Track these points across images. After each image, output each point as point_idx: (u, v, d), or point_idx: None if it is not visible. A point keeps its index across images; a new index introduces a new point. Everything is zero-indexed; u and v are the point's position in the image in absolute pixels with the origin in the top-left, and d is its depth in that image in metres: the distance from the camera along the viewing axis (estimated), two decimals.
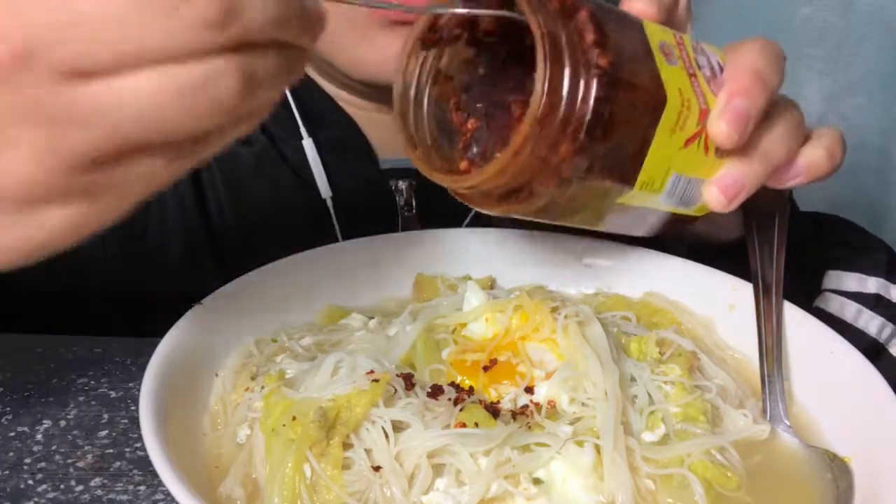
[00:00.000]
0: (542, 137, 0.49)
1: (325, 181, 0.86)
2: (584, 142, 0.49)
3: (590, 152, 0.50)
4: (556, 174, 0.50)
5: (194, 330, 0.61)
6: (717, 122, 0.54)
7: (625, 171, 0.53)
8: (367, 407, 0.54)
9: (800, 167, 0.60)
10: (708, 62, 0.57)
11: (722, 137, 0.54)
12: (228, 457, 0.56)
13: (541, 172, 0.50)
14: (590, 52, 0.49)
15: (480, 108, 0.57)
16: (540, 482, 0.52)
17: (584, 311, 0.62)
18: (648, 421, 0.56)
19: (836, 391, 0.60)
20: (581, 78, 0.48)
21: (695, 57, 0.56)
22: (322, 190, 0.86)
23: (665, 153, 0.53)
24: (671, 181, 0.55)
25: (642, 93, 0.51)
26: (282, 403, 0.55)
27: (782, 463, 0.57)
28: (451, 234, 0.77)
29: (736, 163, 0.57)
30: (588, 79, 0.48)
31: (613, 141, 0.50)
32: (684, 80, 0.54)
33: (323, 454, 0.52)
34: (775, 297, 0.64)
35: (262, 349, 0.64)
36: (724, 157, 0.57)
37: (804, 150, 0.60)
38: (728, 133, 0.54)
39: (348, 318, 0.69)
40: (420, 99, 0.56)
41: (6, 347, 0.74)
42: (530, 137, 0.48)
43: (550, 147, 0.49)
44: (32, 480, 0.59)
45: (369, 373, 0.56)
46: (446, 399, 0.56)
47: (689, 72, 0.55)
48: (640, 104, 0.51)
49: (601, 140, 0.50)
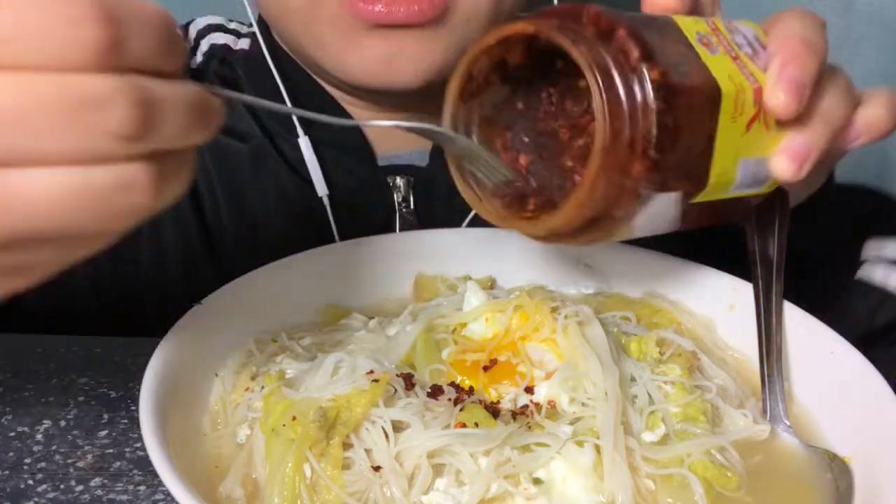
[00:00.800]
0: (613, 165, 0.49)
1: (321, 179, 0.86)
2: (655, 157, 0.49)
3: (662, 164, 0.50)
4: (633, 195, 0.50)
5: (194, 330, 0.61)
6: (774, 93, 0.54)
7: (697, 171, 0.53)
8: (367, 407, 0.54)
9: (860, 127, 0.59)
10: (745, 39, 0.56)
11: (781, 107, 0.54)
12: (228, 457, 0.56)
13: (618, 197, 0.51)
14: (639, 68, 0.49)
15: (529, 143, 0.57)
16: (540, 482, 0.52)
17: (584, 311, 0.62)
18: (648, 421, 0.56)
19: (836, 391, 0.60)
20: (638, 97, 0.48)
21: (732, 38, 0.56)
22: (318, 188, 0.86)
23: (730, 142, 0.53)
24: (741, 167, 0.55)
25: (697, 92, 0.51)
26: (282, 403, 0.55)
27: (782, 463, 0.57)
28: (451, 234, 0.77)
29: (798, 130, 0.56)
30: (645, 95, 0.48)
31: (682, 147, 0.50)
32: (730, 66, 0.54)
33: (323, 454, 0.52)
34: (775, 297, 0.64)
35: (262, 349, 0.64)
36: (785, 129, 0.56)
37: (861, 111, 0.60)
38: (787, 102, 0.54)
39: (348, 318, 0.69)
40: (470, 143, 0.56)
41: (6, 347, 0.74)
42: (602, 168, 0.49)
43: (623, 171, 0.49)
44: (32, 480, 0.59)
45: (369, 373, 0.56)
46: (446, 399, 0.56)
47: (731, 55, 0.54)
48: (698, 103, 0.51)
49: (670, 150, 0.50)
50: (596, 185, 0.49)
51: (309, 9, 0.77)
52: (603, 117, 0.48)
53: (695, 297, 0.70)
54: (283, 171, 0.87)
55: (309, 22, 0.78)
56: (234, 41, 0.94)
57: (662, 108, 0.49)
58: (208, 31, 0.94)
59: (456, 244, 0.75)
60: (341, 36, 0.77)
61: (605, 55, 0.49)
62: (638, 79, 0.49)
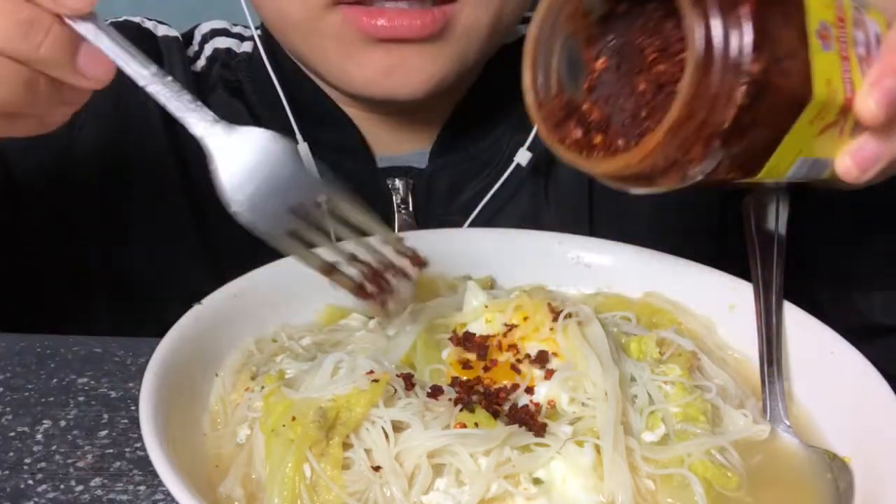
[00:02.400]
0: (674, 141, 0.47)
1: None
2: (717, 147, 0.47)
3: (720, 154, 0.48)
4: (681, 174, 0.49)
5: (194, 330, 0.61)
6: (866, 100, 0.52)
7: (752, 165, 0.51)
8: (367, 407, 0.54)
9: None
10: (865, 37, 0.53)
11: (868, 116, 0.52)
12: (228, 457, 0.56)
13: (666, 170, 0.49)
14: (744, 54, 0.45)
15: (613, 45, 0.54)
16: (540, 482, 0.52)
17: (584, 310, 0.62)
18: (648, 421, 0.56)
19: (836, 391, 0.60)
20: (728, 84, 0.45)
21: (853, 34, 0.52)
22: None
23: (798, 143, 0.51)
24: (797, 164, 0.53)
25: (788, 93, 0.48)
26: (282, 403, 0.55)
27: (782, 463, 0.57)
28: (451, 234, 0.77)
29: (873, 136, 0.55)
30: (736, 86, 0.46)
31: (747, 143, 0.49)
32: (835, 68, 0.51)
33: (323, 454, 0.52)
34: (775, 297, 0.64)
35: (262, 349, 0.64)
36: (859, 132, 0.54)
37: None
38: (875, 113, 0.52)
39: (348, 318, 0.69)
40: (552, 39, 0.53)
41: (6, 347, 0.74)
42: (662, 144, 0.47)
43: (681, 149, 0.47)
44: (32, 480, 0.59)
45: (369, 373, 0.56)
46: (446, 399, 0.56)
47: (842, 55, 0.51)
48: (784, 105, 0.49)
49: (735, 144, 0.48)
50: (650, 155, 0.47)
51: (310, 21, 0.77)
52: (686, 93, 0.45)
53: (695, 297, 0.70)
54: None
55: (309, 34, 0.78)
56: (238, 45, 0.94)
57: (746, 104, 0.46)
58: (212, 36, 0.94)
59: (456, 244, 0.75)
60: (343, 49, 0.77)
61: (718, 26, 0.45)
62: (736, 66, 0.45)
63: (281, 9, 0.78)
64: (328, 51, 0.78)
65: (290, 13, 0.77)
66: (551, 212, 0.90)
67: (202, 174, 0.53)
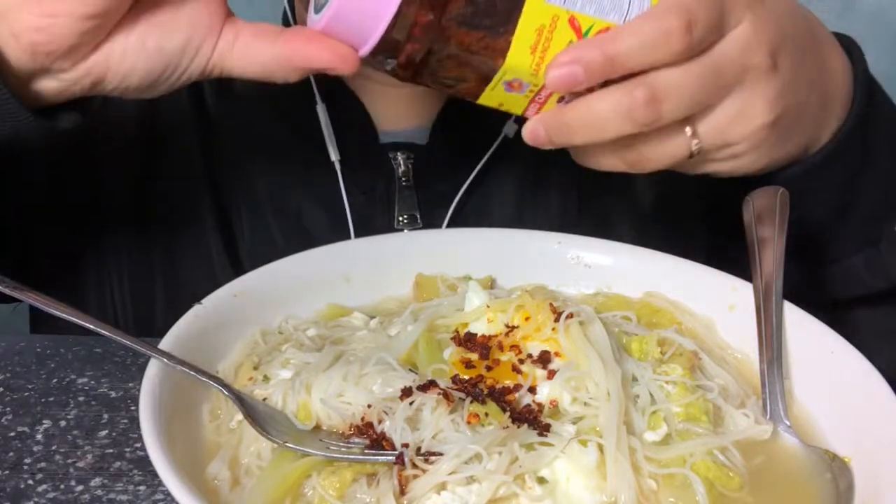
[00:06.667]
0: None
1: (335, 144, 0.89)
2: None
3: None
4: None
5: (195, 329, 0.61)
6: (551, 70, 0.55)
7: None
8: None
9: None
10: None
11: (553, 83, 0.55)
12: (223, 443, 0.57)
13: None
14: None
15: None
16: (544, 481, 0.52)
17: (585, 310, 0.62)
18: (651, 421, 0.56)
19: (836, 391, 0.60)
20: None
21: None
22: (332, 153, 0.89)
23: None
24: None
25: None
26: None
27: (782, 463, 0.57)
28: (451, 234, 0.77)
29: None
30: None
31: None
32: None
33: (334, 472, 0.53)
34: (775, 297, 0.64)
35: (267, 341, 0.64)
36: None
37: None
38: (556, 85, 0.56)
39: (349, 317, 0.69)
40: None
41: (6, 347, 0.74)
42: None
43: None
44: (32, 480, 0.59)
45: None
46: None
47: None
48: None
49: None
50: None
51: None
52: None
53: (695, 297, 0.70)
54: (294, 139, 0.91)
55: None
56: None
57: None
58: None
59: (456, 244, 0.75)
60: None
61: None
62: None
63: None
64: None
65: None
66: (548, 181, 0.92)
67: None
